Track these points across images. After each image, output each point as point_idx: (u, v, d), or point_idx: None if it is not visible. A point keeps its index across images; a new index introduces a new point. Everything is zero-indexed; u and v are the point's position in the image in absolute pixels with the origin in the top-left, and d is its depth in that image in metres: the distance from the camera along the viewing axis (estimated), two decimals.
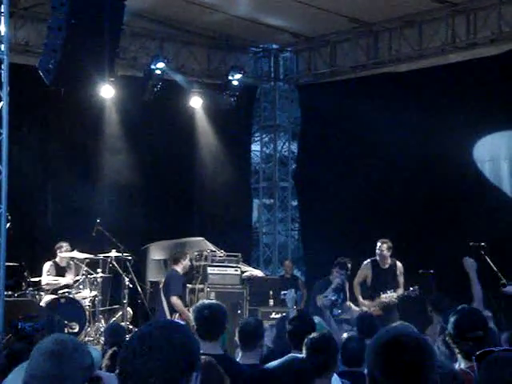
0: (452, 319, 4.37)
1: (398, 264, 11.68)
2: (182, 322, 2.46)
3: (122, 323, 11.93)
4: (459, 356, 4.26)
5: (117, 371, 2.27)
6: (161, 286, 12.09)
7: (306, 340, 5.21)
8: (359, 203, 14.87)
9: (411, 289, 11.13)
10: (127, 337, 6.69)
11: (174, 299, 11.49)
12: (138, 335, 2.29)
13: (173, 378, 2.23)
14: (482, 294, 6.65)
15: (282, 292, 12.13)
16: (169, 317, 11.18)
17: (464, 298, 8.48)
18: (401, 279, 11.63)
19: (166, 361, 2.22)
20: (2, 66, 9.73)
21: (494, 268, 10.63)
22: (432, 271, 11.35)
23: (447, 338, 4.46)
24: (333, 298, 10.64)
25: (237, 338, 5.81)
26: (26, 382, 2.62)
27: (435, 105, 13.76)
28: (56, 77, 10.42)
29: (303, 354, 5.08)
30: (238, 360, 5.67)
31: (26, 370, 2.64)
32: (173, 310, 11.49)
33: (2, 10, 9.79)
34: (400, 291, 11.46)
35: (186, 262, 11.98)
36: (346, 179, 15.17)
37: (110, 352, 6.09)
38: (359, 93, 14.89)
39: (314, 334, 5.26)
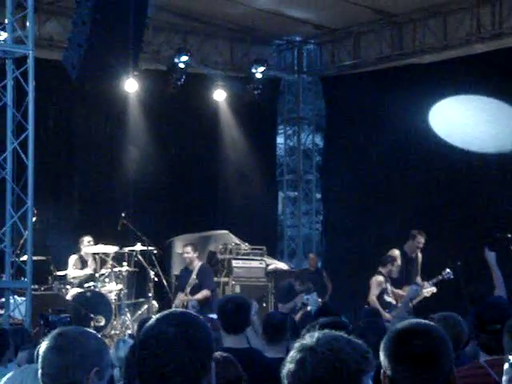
0: (474, 311, 4.36)
1: (419, 254, 12.09)
2: (195, 314, 2.42)
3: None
4: (479, 349, 4.24)
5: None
6: None
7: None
8: (383, 195, 14.82)
9: (444, 273, 11.30)
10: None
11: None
12: (153, 334, 2.25)
13: (196, 374, 2.23)
14: (502, 280, 6.64)
15: (305, 297, 11.97)
16: None
17: (488, 288, 8.46)
18: (419, 268, 12.10)
19: (187, 360, 2.21)
20: (28, 61, 9.78)
21: None
22: (459, 263, 11.32)
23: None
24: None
25: (261, 332, 5.80)
26: (42, 381, 2.69)
27: (461, 96, 13.66)
28: (81, 71, 10.47)
29: None
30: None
31: (39, 367, 2.72)
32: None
33: (27, 5, 9.83)
34: (418, 279, 11.90)
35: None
36: (370, 171, 15.12)
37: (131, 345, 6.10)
38: (383, 85, 14.82)
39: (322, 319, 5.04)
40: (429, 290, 11.42)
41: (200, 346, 2.24)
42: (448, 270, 11.27)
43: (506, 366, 2.54)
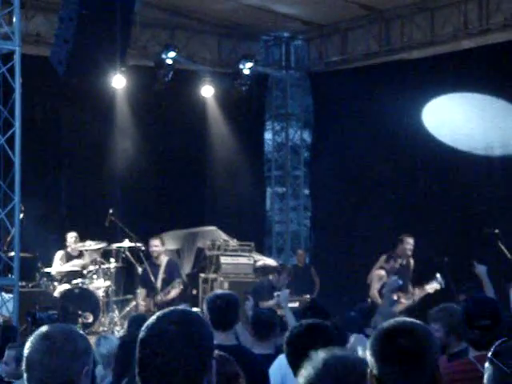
0: (462, 307, 4.37)
1: (411, 260, 11.94)
2: (192, 309, 2.43)
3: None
4: (468, 345, 4.25)
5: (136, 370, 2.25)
6: None
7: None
8: (371, 191, 14.84)
9: (436, 278, 11.17)
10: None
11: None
12: (154, 333, 2.24)
13: (198, 372, 2.23)
14: (493, 292, 6.64)
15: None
16: None
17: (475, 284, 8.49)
18: (410, 275, 11.87)
19: (188, 359, 2.21)
20: (14, 57, 9.73)
21: (508, 255, 10.62)
22: (446, 259, 11.34)
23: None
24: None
25: (250, 329, 5.81)
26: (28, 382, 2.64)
27: (447, 91, 13.70)
28: (68, 67, 10.43)
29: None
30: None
31: (25, 370, 2.64)
32: None
33: (14, 1, 9.78)
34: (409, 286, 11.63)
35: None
36: (359, 166, 15.14)
37: (120, 342, 6.10)
38: (371, 80, 14.83)
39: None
40: (432, 286, 11.23)
41: (201, 345, 2.24)
42: (438, 275, 11.10)
43: (487, 364, 2.54)
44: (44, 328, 2.71)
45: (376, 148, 14.92)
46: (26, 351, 2.64)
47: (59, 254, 12.53)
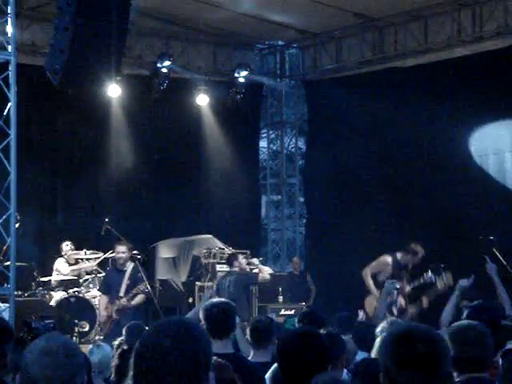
0: (463, 314, 4.40)
1: (410, 266, 11.90)
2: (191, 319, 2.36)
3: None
4: None
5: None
6: None
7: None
8: (366, 198, 14.87)
9: (426, 276, 11.22)
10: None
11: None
12: (149, 345, 2.20)
13: None
14: (507, 296, 6.59)
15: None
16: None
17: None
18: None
19: (184, 374, 2.17)
20: (9, 67, 9.73)
21: (504, 262, 10.64)
22: (442, 265, 11.36)
23: None
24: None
25: (248, 336, 5.81)
26: None
27: (442, 99, 13.74)
28: (63, 77, 10.42)
29: None
30: (249, 358, 5.67)
31: (22, 381, 2.62)
32: None
33: (9, 11, 9.79)
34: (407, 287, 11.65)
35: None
36: (353, 174, 15.17)
37: (118, 351, 6.10)
38: (365, 88, 14.88)
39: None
40: (442, 283, 11.18)
41: (197, 359, 2.19)
42: (430, 274, 11.17)
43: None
44: (42, 342, 2.65)
45: (370, 155, 14.96)
46: (25, 366, 2.60)
47: (61, 260, 12.54)
